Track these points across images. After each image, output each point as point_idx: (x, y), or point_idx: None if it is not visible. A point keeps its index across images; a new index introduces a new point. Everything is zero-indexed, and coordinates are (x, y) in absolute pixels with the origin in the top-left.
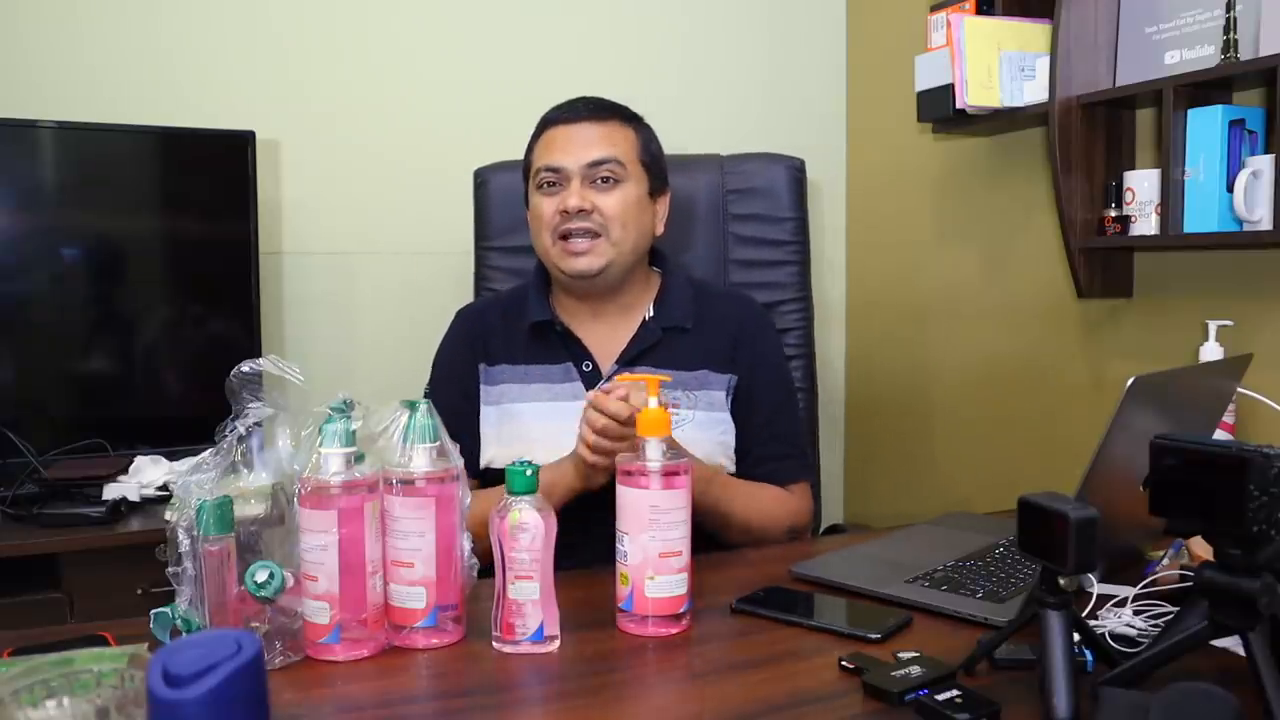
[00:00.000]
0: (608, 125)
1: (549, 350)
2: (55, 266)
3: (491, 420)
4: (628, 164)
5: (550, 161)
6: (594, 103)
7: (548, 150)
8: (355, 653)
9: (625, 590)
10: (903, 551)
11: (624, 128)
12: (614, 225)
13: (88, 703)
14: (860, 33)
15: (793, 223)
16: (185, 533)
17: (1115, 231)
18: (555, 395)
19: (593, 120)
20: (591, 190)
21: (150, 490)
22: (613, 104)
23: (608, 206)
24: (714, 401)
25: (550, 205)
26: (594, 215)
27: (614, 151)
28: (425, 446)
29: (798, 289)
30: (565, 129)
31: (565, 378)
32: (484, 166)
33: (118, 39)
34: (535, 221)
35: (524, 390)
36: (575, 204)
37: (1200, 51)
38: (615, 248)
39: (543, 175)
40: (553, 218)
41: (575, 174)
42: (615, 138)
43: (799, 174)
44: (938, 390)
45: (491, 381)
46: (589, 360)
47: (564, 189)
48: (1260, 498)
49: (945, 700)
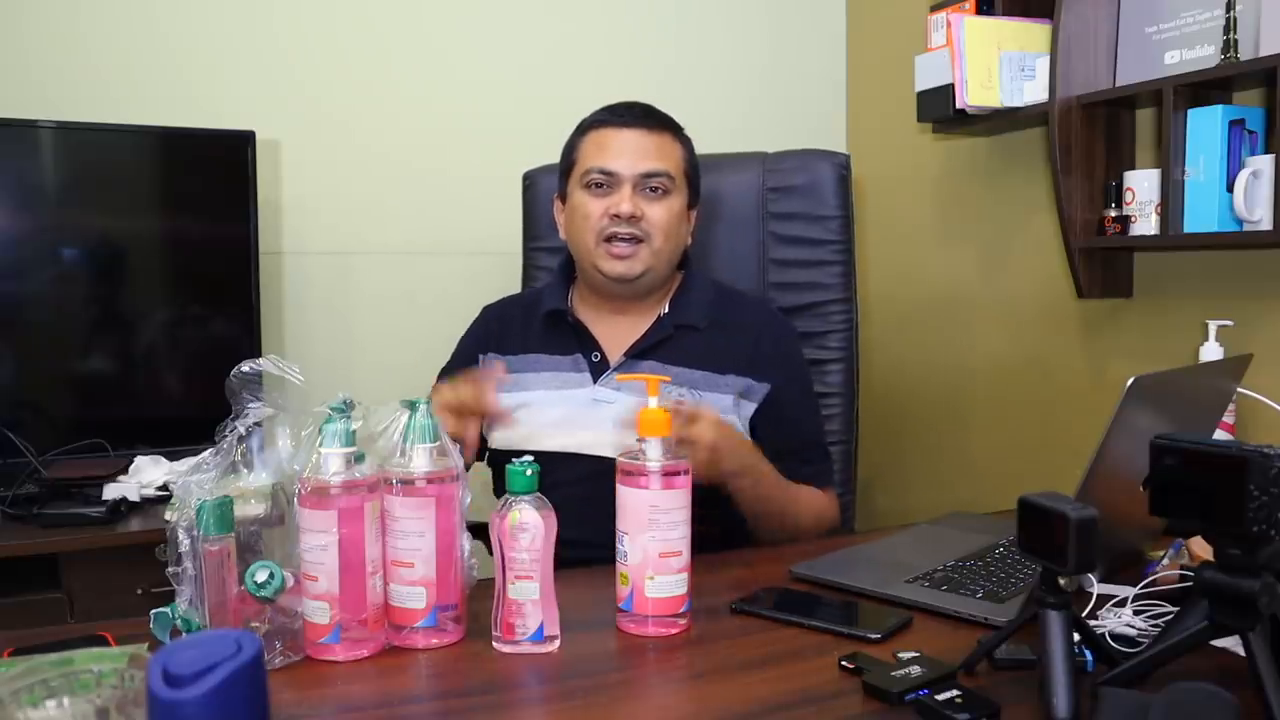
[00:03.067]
0: (660, 136)
1: (561, 340)
2: (55, 266)
3: (510, 406)
4: (676, 177)
5: (604, 164)
6: (646, 110)
7: (600, 152)
8: (355, 653)
9: (625, 590)
10: (903, 551)
11: (673, 139)
12: (657, 235)
13: (88, 703)
14: (860, 33)
15: (837, 221)
16: (185, 533)
17: (1115, 231)
18: (564, 383)
19: (646, 129)
20: (641, 198)
21: (150, 490)
22: (661, 113)
23: (655, 216)
24: (718, 405)
25: (599, 206)
26: (641, 223)
27: (666, 164)
28: (425, 446)
29: (841, 289)
30: (618, 133)
31: (574, 367)
32: (533, 169)
33: (118, 39)
34: (580, 220)
35: (536, 378)
36: (628, 210)
37: (1200, 51)
38: (656, 256)
39: (593, 176)
40: (600, 219)
41: (628, 180)
42: (666, 149)
43: (844, 170)
44: (937, 390)
45: (509, 370)
46: (598, 351)
47: (614, 192)
48: (1260, 498)
49: (945, 700)
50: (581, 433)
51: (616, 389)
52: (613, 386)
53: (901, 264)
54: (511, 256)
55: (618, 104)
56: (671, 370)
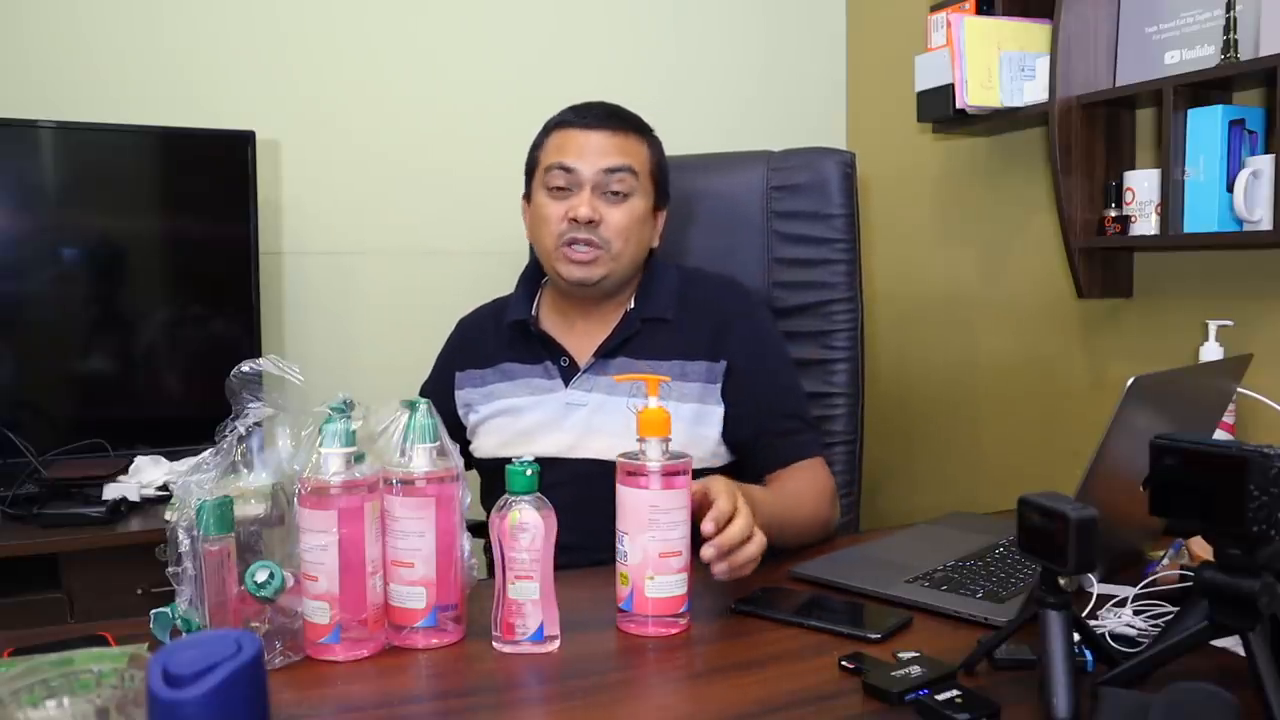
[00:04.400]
0: (623, 135)
1: (529, 348)
2: (55, 266)
3: (487, 415)
4: (640, 175)
5: (564, 160)
6: (610, 109)
7: (560, 150)
8: (355, 653)
9: (625, 590)
10: (903, 551)
11: (638, 140)
12: (616, 240)
13: (88, 703)
14: (860, 33)
15: (842, 219)
16: (185, 533)
17: (1115, 231)
18: (535, 389)
19: (609, 129)
20: (601, 201)
21: (150, 490)
22: (628, 113)
23: (614, 221)
24: (696, 393)
25: (559, 210)
26: (600, 229)
27: (628, 161)
28: (425, 446)
29: (847, 288)
30: (581, 133)
31: (545, 374)
32: None
33: (118, 39)
34: (540, 223)
35: (510, 386)
36: (586, 214)
37: (1200, 51)
38: (615, 261)
39: (554, 174)
40: (559, 223)
41: (588, 180)
42: (629, 148)
43: (849, 169)
44: (937, 390)
45: (484, 382)
46: (565, 356)
47: (574, 195)
48: (1260, 498)
49: (945, 700)
50: (560, 435)
51: (589, 391)
52: (585, 389)
53: (902, 264)
54: (511, 256)
55: (583, 104)
56: (642, 364)
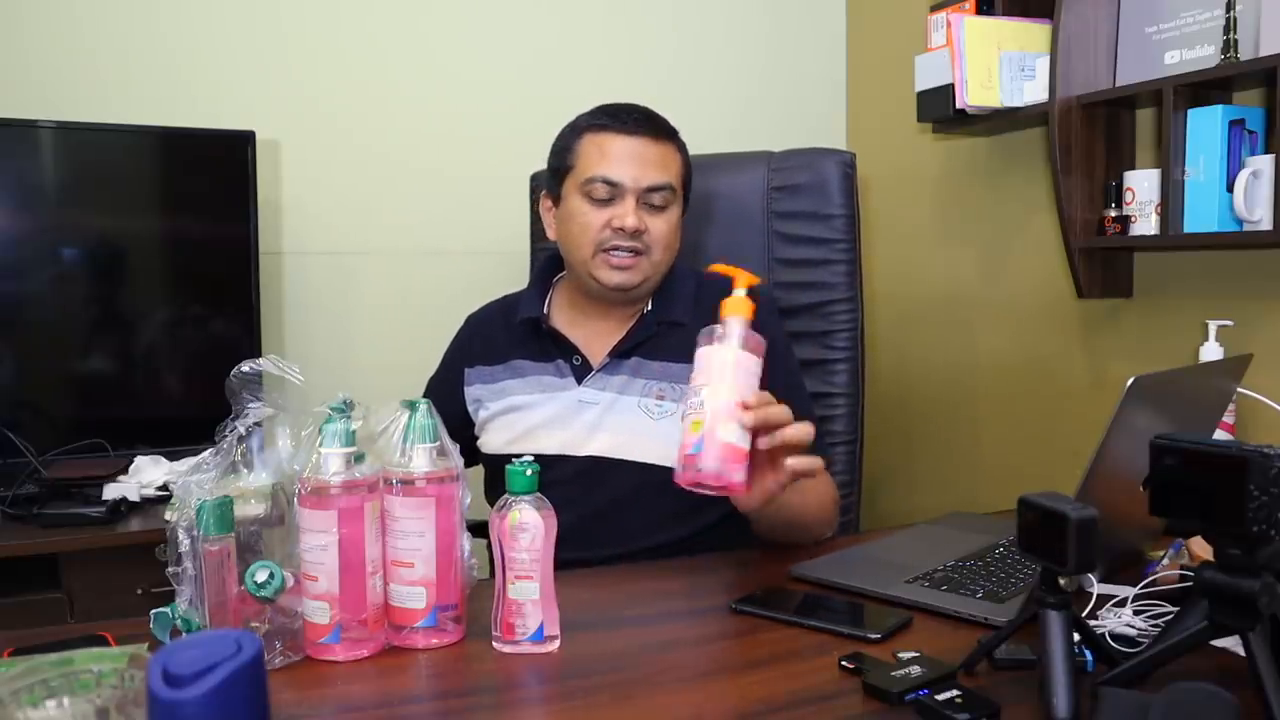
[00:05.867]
0: (663, 146)
1: (541, 347)
2: (55, 266)
3: (496, 411)
4: (677, 189)
5: (607, 174)
6: (647, 115)
7: (603, 160)
8: (355, 653)
9: (694, 437)
10: (903, 551)
11: (674, 149)
12: (658, 247)
13: (88, 703)
14: (860, 33)
15: (842, 220)
16: (185, 533)
17: (1115, 231)
18: (547, 387)
19: (650, 138)
20: (644, 211)
21: (150, 490)
22: (662, 120)
23: (657, 230)
24: None
25: (600, 218)
26: (644, 236)
27: (670, 177)
28: (425, 446)
29: (847, 289)
30: (622, 140)
31: (557, 372)
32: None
33: (118, 39)
34: (578, 230)
35: (522, 383)
36: (634, 224)
37: (1200, 51)
38: (655, 267)
39: (596, 186)
40: (601, 230)
41: (631, 192)
42: (669, 160)
43: (849, 169)
44: (937, 390)
45: (494, 379)
46: (578, 355)
47: (616, 204)
48: (1260, 498)
49: (945, 700)
50: (569, 433)
51: (601, 390)
52: (598, 387)
53: (902, 264)
54: (512, 256)
55: (616, 107)
56: (655, 365)
